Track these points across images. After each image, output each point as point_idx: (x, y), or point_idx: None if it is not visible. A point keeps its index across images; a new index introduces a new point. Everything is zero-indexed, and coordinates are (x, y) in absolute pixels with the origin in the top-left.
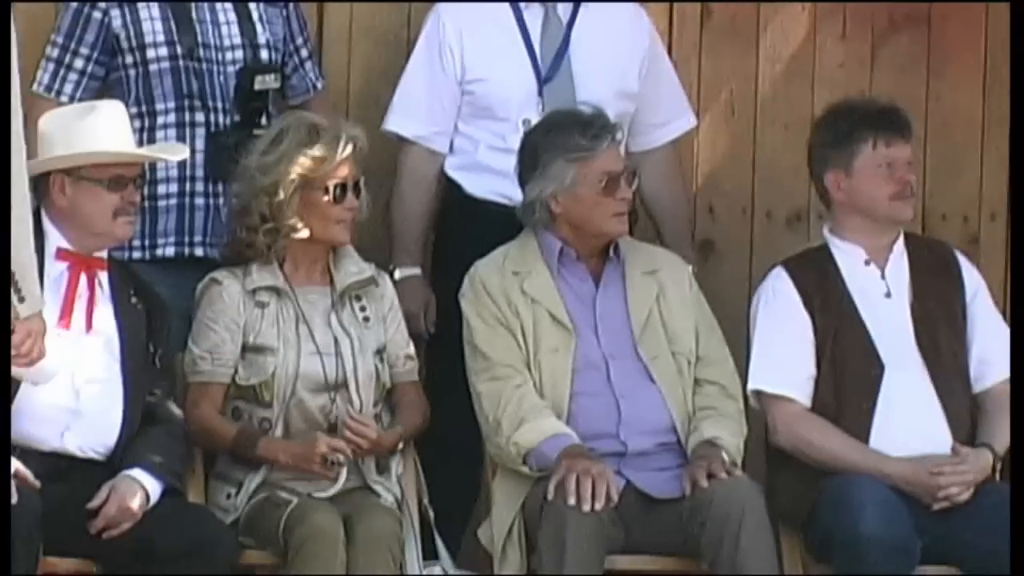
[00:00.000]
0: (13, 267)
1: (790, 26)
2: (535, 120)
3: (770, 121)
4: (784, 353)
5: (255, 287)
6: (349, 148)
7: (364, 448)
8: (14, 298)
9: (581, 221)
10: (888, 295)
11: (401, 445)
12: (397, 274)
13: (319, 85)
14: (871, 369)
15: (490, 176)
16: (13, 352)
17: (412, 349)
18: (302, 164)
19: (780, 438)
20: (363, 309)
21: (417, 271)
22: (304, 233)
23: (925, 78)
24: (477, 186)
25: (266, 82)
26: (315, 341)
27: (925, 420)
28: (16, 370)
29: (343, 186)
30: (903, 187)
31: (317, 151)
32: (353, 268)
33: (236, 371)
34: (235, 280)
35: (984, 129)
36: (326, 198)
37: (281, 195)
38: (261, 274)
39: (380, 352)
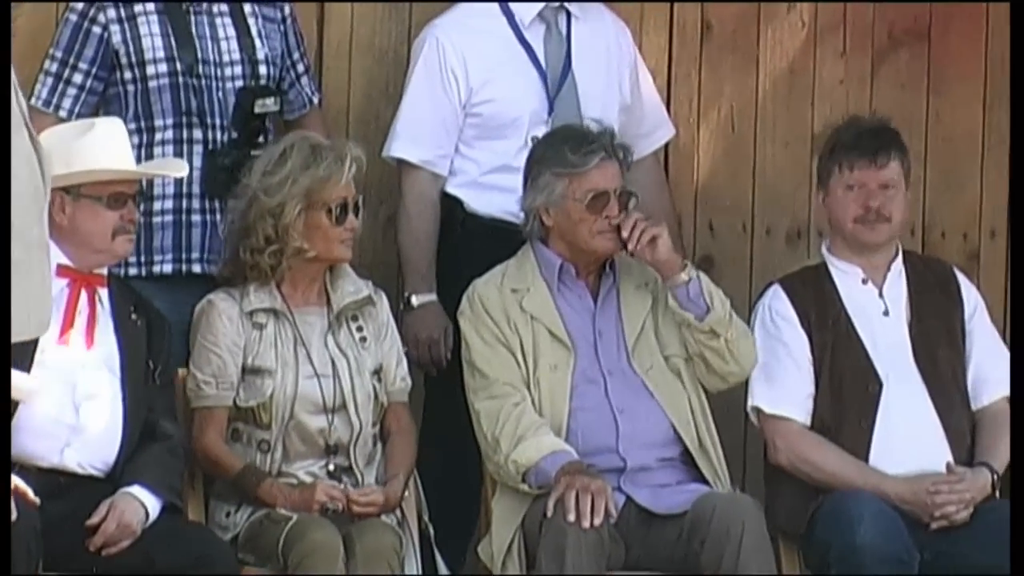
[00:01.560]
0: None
1: (790, 42)
2: None
3: (770, 137)
4: (782, 372)
5: (252, 309)
6: (353, 168)
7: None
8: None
9: (570, 236)
10: (886, 313)
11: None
12: (415, 301)
13: (315, 100)
14: (869, 387)
15: (496, 194)
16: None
17: (406, 368)
18: (306, 185)
19: (780, 456)
20: (360, 329)
21: (434, 297)
22: (311, 254)
23: (925, 95)
24: (482, 203)
25: (266, 106)
26: (312, 363)
27: (924, 438)
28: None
29: (344, 206)
30: (867, 211)
31: (321, 171)
32: (350, 288)
33: (237, 393)
34: (233, 302)
35: (984, 146)
36: (328, 218)
37: (287, 217)
38: (259, 295)
39: (377, 372)
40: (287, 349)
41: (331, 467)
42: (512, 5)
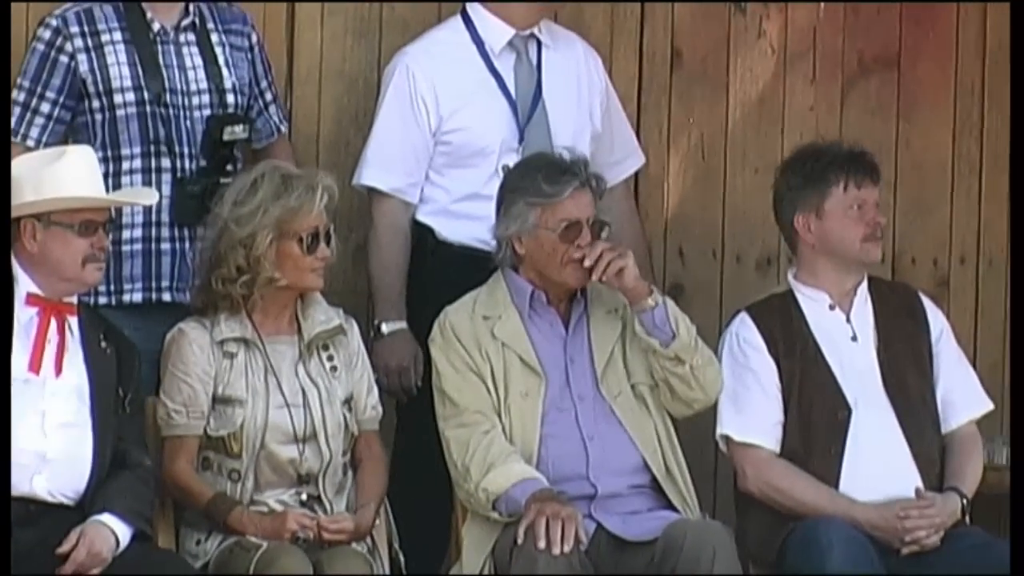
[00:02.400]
0: None
1: (759, 69)
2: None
3: (740, 164)
4: (751, 399)
5: (223, 338)
6: (325, 198)
7: (346, 540)
8: None
9: (541, 265)
10: (854, 338)
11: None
12: (384, 328)
13: (283, 128)
14: (838, 412)
15: (466, 222)
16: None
17: (376, 397)
18: (277, 215)
19: (749, 484)
20: (331, 359)
21: (404, 325)
22: (282, 283)
23: (895, 122)
24: (453, 231)
25: (235, 133)
26: (283, 392)
27: (894, 463)
28: None
29: (315, 235)
30: (874, 228)
31: (292, 201)
32: (321, 316)
33: (208, 422)
34: (203, 331)
35: (954, 173)
36: (299, 247)
37: (258, 247)
38: (229, 324)
39: (348, 401)
40: (258, 378)
41: (303, 496)
42: (482, 34)
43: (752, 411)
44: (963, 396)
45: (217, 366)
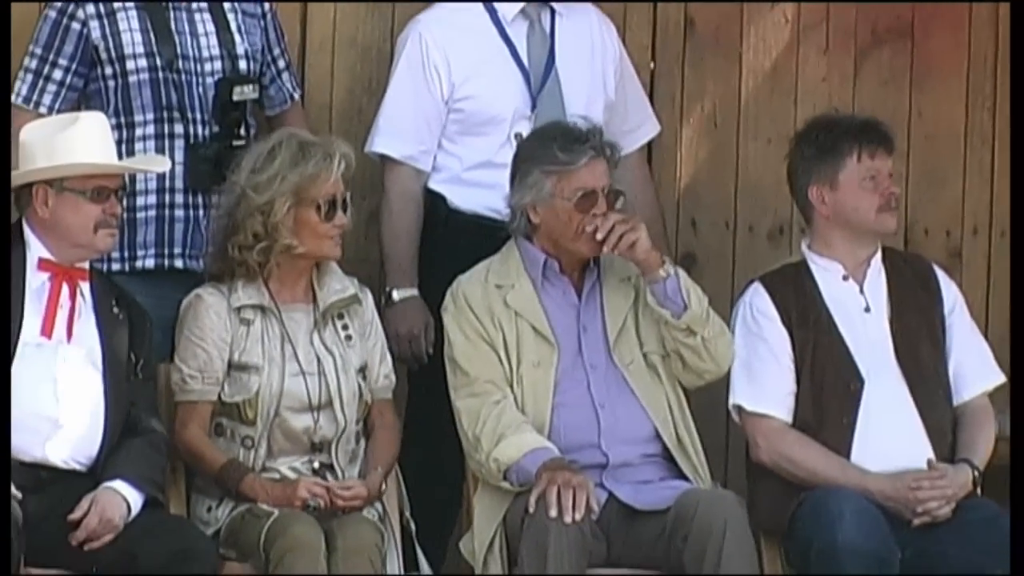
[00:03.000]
0: None
1: (773, 39)
2: (527, 133)
3: (752, 134)
4: (763, 369)
5: (240, 304)
6: (342, 165)
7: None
8: None
9: (557, 234)
10: (867, 309)
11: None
12: (395, 296)
13: (296, 95)
14: (851, 383)
15: (479, 190)
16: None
17: (390, 366)
18: (295, 182)
19: (761, 454)
20: (345, 328)
21: (415, 292)
22: (299, 250)
23: (908, 92)
24: (465, 200)
25: (244, 93)
26: (299, 360)
27: (906, 434)
28: None
29: (333, 203)
30: (888, 199)
31: (310, 168)
32: (336, 285)
33: (222, 388)
34: (221, 297)
35: (967, 143)
36: (317, 215)
37: (276, 214)
38: (247, 291)
39: (362, 370)
40: (274, 346)
41: (316, 465)
42: (495, 2)
43: (765, 381)
44: (975, 368)
45: (233, 332)
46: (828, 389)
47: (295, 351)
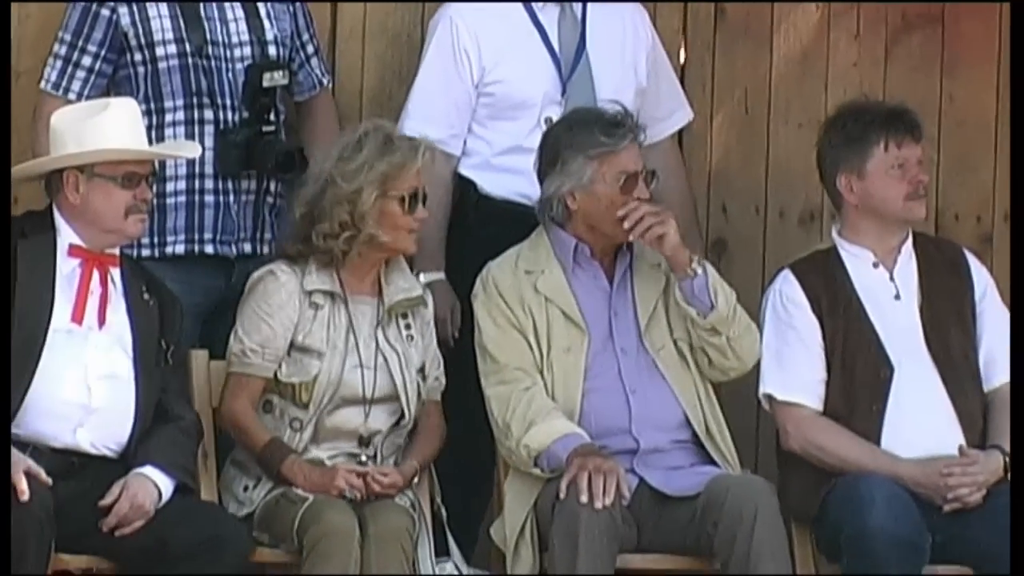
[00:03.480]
0: None
1: (803, 25)
2: (556, 118)
3: (783, 120)
4: (793, 358)
5: (313, 288)
6: (427, 156)
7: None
8: None
9: (596, 220)
10: (897, 297)
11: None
12: (423, 279)
13: (325, 81)
14: (881, 371)
15: (508, 176)
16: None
17: (441, 367)
18: (383, 171)
19: (792, 442)
20: (408, 327)
21: (442, 276)
22: (383, 239)
23: (938, 77)
24: (495, 185)
25: (274, 79)
26: (359, 353)
27: (936, 421)
28: None
29: (415, 195)
30: (916, 187)
31: (397, 158)
32: (403, 283)
33: (279, 367)
34: (294, 276)
35: (997, 129)
36: (400, 206)
37: (364, 204)
38: (320, 276)
39: (422, 370)
40: (338, 335)
41: (362, 458)
42: None
43: (795, 369)
44: (1006, 354)
45: (301, 314)
46: (858, 377)
47: (357, 343)
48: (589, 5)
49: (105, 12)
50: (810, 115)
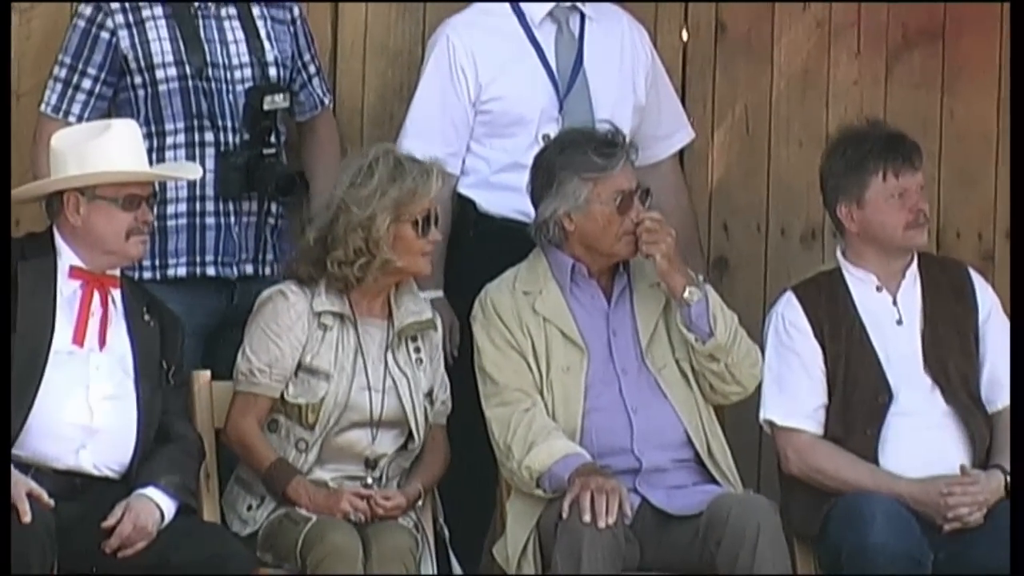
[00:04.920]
0: None
1: (804, 42)
2: (554, 135)
3: (784, 138)
4: (795, 383)
5: (322, 310)
6: (440, 181)
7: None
8: None
9: (593, 240)
10: (900, 322)
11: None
12: (421, 296)
13: (326, 101)
14: (879, 396)
15: (507, 194)
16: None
17: (448, 392)
18: (395, 197)
19: (792, 467)
20: (417, 351)
21: (440, 293)
22: (400, 264)
23: (939, 94)
24: (494, 203)
25: (275, 102)
26: (367, 375)
27: (934, 446)
28: None
29: (428, 218)
30: (916, 216)
31: (408, 183)
32: (413, 306)
33: (286, 387)
34: (304, 297)
35: (998, 145)
36: (414, 230)
37: (378, 230)
38: (330, 298)
39: (429, 394)
40: (346, 356)
41: (368, 480)
42: (523, 5)
43: (796, 395)
44: (1009, 376)
45: (310, 335)
46: (856, 401)
47: (365, 365)
48: (587, 23)
49: (105, 35)
50: (811, 133)
